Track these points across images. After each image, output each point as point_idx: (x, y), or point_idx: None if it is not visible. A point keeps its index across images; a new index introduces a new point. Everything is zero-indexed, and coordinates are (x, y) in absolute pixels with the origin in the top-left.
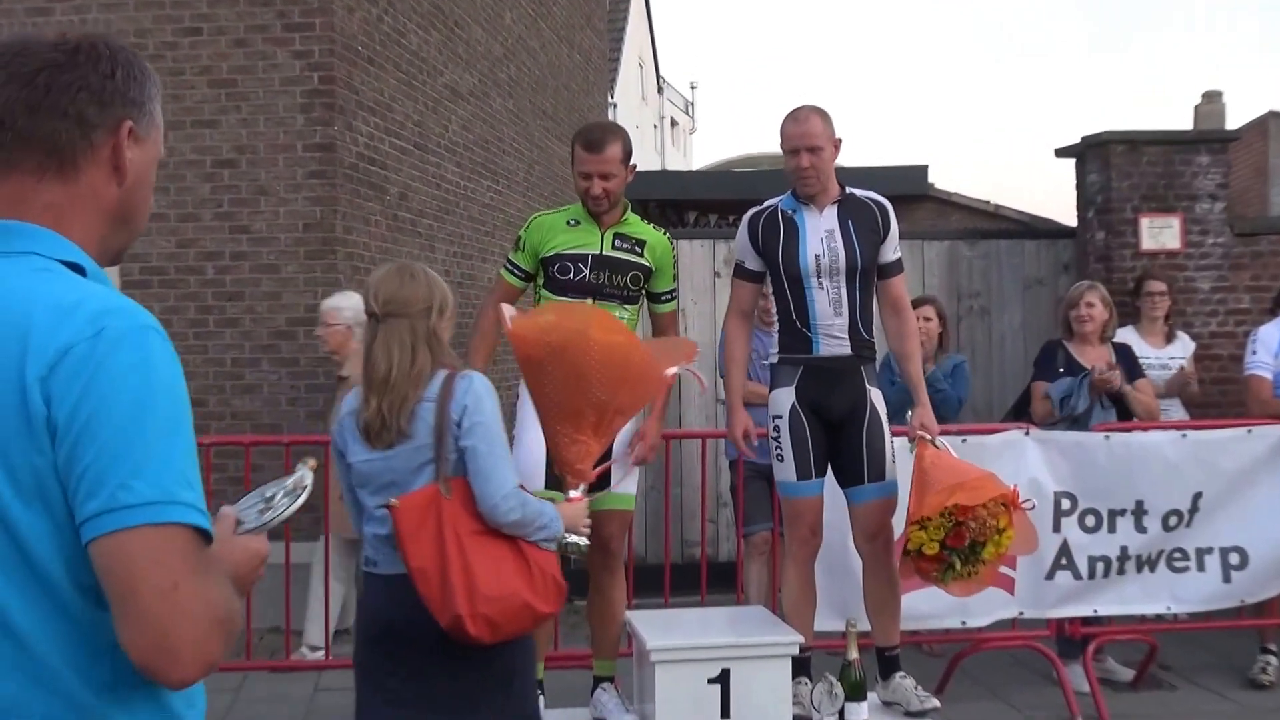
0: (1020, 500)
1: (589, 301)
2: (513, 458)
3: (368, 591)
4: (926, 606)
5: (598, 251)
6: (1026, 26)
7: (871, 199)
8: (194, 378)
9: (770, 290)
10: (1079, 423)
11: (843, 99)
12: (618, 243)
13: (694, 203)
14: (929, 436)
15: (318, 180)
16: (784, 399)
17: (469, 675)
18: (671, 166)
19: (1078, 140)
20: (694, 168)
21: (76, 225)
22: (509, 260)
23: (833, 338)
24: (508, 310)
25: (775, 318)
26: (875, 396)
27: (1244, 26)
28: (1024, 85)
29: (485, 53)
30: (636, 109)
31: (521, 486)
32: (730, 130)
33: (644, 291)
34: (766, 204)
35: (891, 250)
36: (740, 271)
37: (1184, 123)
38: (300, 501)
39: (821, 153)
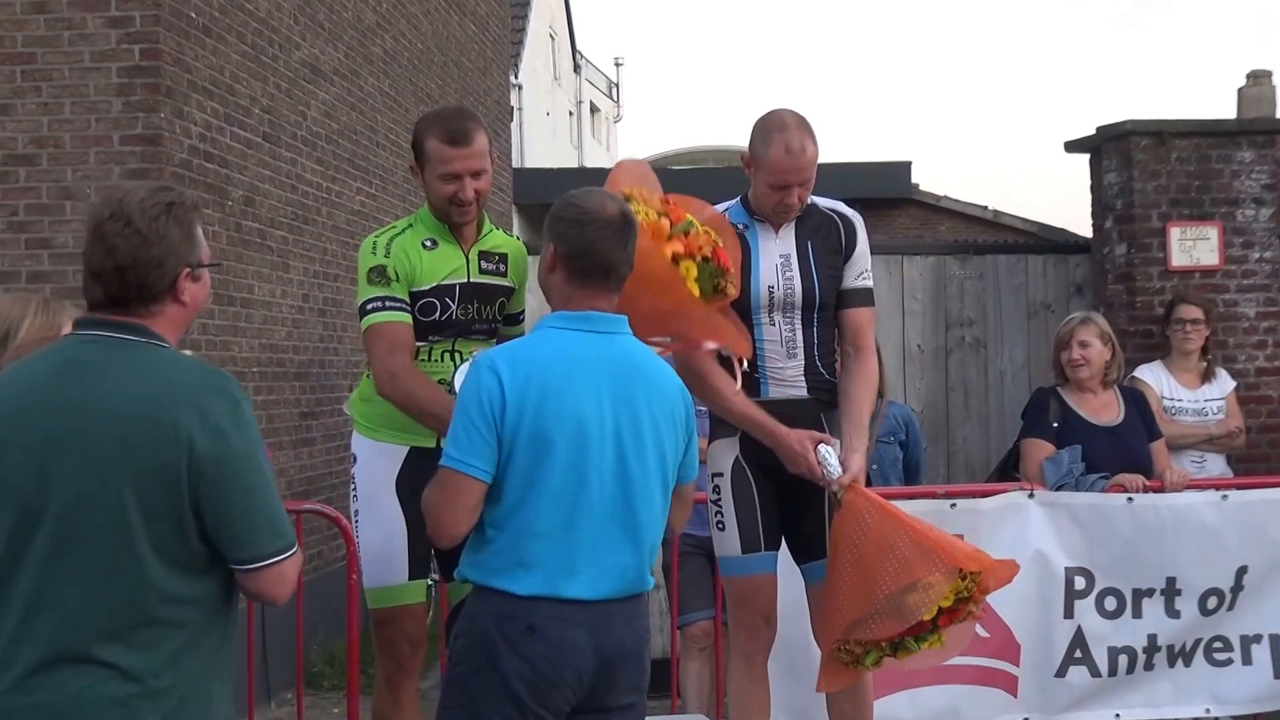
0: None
1: (449, 346)
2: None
3: None
4: (908, 713)
5: (465, 279)
6: None
7: (835, 211)
8: None
9: None
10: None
11: (805, 79)
12: (484, 264)
13: None
14: (838, 489)
15: (140, 181)
16: (725, 453)
17: None
18: (592, 163)
19: (1092, 132)
20: None
21: None
22: (388, 299)
23: (783, 381)
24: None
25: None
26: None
27: None
28: (1034, 65)
29: (354, 22)
30: (547, 91)
31: None
32: (665, 119)
33: None
34: None
35: (855, 275)
36: None
37: (1225, 110)
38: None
39: (810, 183)
